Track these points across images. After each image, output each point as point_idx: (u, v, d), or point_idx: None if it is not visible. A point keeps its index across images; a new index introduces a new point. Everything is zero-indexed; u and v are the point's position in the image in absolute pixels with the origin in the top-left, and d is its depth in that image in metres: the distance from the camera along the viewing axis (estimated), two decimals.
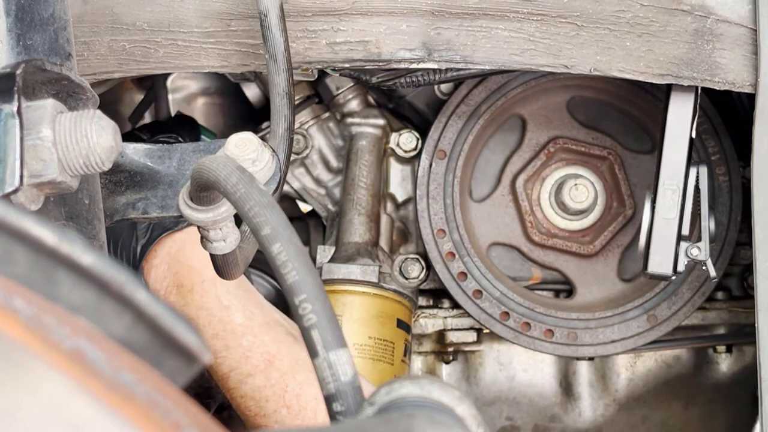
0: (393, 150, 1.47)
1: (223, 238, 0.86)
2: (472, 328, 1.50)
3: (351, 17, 1.06)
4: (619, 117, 1.45)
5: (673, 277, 1.15)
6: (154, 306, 0.46)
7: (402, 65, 1.08)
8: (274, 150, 0.89)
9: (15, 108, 0.67)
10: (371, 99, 1.50)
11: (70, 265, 0.45)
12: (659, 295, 1.38)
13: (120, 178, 0.90)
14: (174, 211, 0.88)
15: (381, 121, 1.48)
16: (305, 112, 1.50)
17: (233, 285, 1.18)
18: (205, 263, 1.18)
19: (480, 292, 1.40)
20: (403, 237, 1.49)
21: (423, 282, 1.44)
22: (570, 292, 1.46)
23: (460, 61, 1.07)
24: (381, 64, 1.08)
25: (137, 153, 0.90)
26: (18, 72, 0.68)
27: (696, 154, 1.36)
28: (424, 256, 1.43)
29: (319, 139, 1.50)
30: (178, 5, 1.07)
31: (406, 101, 1.47)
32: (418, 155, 1.45)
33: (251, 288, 1.22)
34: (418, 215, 1.41)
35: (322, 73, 1.32)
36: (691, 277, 1.38)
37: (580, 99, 1.45)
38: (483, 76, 1.37)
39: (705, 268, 1.18)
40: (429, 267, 1.43)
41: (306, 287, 0.60)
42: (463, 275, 1.40)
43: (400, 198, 1.49)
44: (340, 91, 1.48)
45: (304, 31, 1.07)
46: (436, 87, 1.45)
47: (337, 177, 1.49)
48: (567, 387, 1.54)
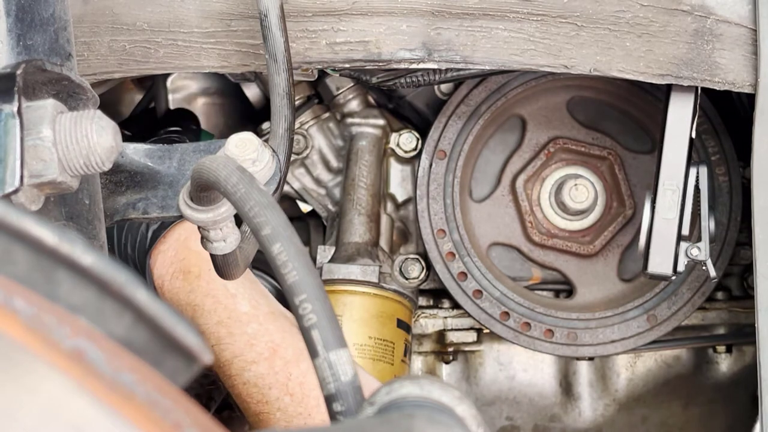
0: (393, 150, 1.47)
1: (224, 238, 0.86)
2: (472, 328, 1.50)
3: (351, 17, 1.07)
4: (619, 117, 1.45)
5: (673, 277, 1.15)
6: (154, 306, 0.46)
7: (402, 65, 1.08)
8: (274, 150, 0.89)
9: (15, 108, 0.67)
10: (371, 99, 1.50)
11: (70, 265, 0.45)
12: (659, 295, 1.38)
13: (120, 178, 0.90)
14: (174, 211, 0.88)
15: (381, 122, 1.48)
16: (305, 112, 1.50)
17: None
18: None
19: (480, 292, 1.40)
20: (403, 237, 1.49)
21: (423, 282, 1.44)
22: (570, 292, 1.46)
23: (460, 62, 1.07)
24: (381, 64, 1.08)
25: (137, 153, 0.90)
26: (18, 72, 0.68)
27: (696, 154, 1.36)
28: (424, 256, 1.43)
29: (320, 140, 1.50)
30: (178, 5, 1.07)
31: (406, 101, 1.47)
32: (418, 155, 1.45)
33: (256, 279, 1.23)
34: (418, 215, 1.41)
35: (322, 74, 1.32)
36: (691, 277, 1.38)
37: (580, 99, 1.45)
38: (483, 76, 1.37)
39: (705, 268, 1.18)
40: (429, 267, 1.43)
41: (306, 287, 0.60)
42: (463, 275, 1.40)
43: (400, 198, 1.49)
44: (340, 92, 1.48)
45: (304, 32, 1.07)
46: (436, 87, 1.45)
47: (338, 177, 1.49)
48: (567, 387, 1.54)
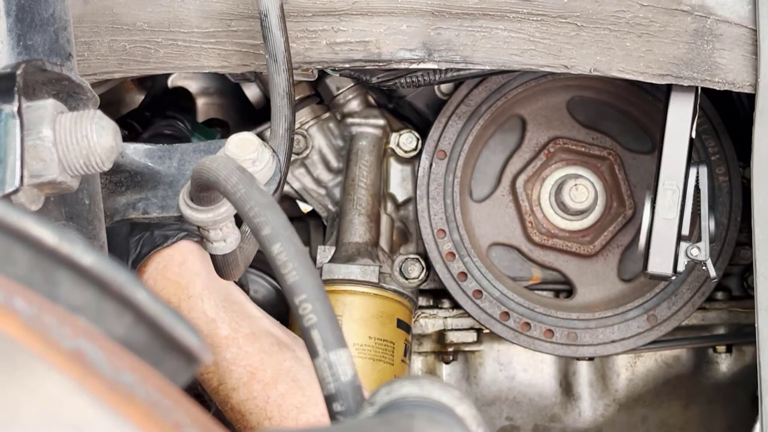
0: (393, 150, 1.47)
1: (224, 238, 0.86)
2: (472, 328, 1.50)
3: (351, 17, 1.07)
4: (619, 117, 1.45)
5: (673, 278, 1.15)
6: (154, 306, 0.46)
7: (402, 65, 1.08)
8: (274, 150, 0.89)
9: (15, 108, 0.67)
10: (371, 99, 1.50)
11: (70, 265, 0.45)
12: (659, 295, 1.38)
13: (120, 178, 0.90)
14: (174, 211, 0.88)
15: (381, 122, 1.48)
16: (305, 112, 1.50)
17: (220, 298, 1.18)
18: (192, 278, 1.18)
19: (480, 292, 1.40)
20: (404, 237, 1.49)
21: (423, 282, 1.44)
22: (570, 292, 1.46)
23: (460, 62, 1.07)
24: (381, 64, 1.08)
25: (137, 153, 0.90)
26: (18, 72, 0.68)
27: (696, 154, 1.36)
28: (424, 256, 1.43)
29: (320, 140, 1.50)
30: (178, 5, 1.07)
31: (406, 101, 1.47)
32: (418, 155, 1.45)
33: (241, 299, 1.21)
34: (418, 215, 1.41)
35: (322, 74, 1.32)
36: (691, 278, 1.38)
37: (580, 99, 1.45)
38: (483, 76, 1.37)
39: (705, 268, 1.18)
40: (429, 267, 1.43)
41: (306, 287, 0.60)
42: (463, 275, 1.40)
43: (400, 198, 1.49)
44: (340, 92, 1.48)
45: (304, 32, 1.07)
46: (436, 87, 1.45)
47: (338, 177, 1.49)
48: (567, 387, 1.54)
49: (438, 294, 1.51)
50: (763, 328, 1.03)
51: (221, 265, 0.91)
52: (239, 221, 0.81)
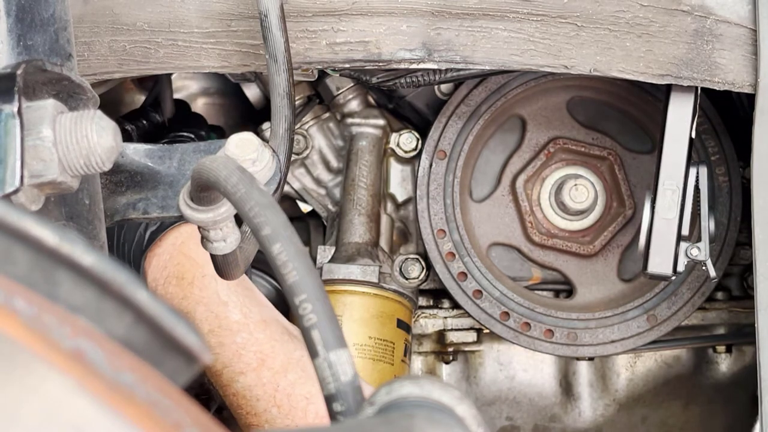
0: (393, 150, 1.47)
1: (224, 238, 0.86)
2: (472, 328, 1.50)
3: (351, 17, 1.07)
4: (619, 117, 1.45)
5: (673, 278, 1.15)
6: (154, 306, 0.46)
7: (402, 65, 1.08)
8: (274, 150, 0.89)
9: (15, 108, 0.67)
10: (371, 99, 1.50)
11: (70, 265, 0.45)
12: (659, 295, 1.38)
13: (120, 178, 0.90)
14: (174, 212, 0.88)
15: (381, 122, 1.48)
16: (305, 112, 1.50)
17: (234, 282, 1.18)
18: (208, 258, 1.18)
19: (480, 292, 1.40)
20: (403, 237, 1.49)
21: (423, 282, 1.44)
22: (570, 292, 1.47)
23: (460, 62, 1.07)
24: (381, 64, 1.08)
25: (137, 153, 0.90)
26: (18, 72, 0.68)
27: (696, 154, 1.36)
28: (424, 256, 1.43)
29: (320, 140, 1.50)
30: (178, 6, 1.07)
31: (406, 101, 1.47)
32: (418, 155, 1.45)
33: (251, 286, 1.22)
34: (418, 215, 1.41)
35: (322, 74, 1.33)
36: (691, 278, 1.38)
37: (579, 99, 1.45)
38: (483, 76, 1.37)
39: (705, 268, 1.18)
40: (429, 267, 1.43)
41: (306, 287, 0.60)
42: (463, 275, 1.40)
43: (400, 198, 1.49)
44: (340, 92, 1.48)
45: (304, 32, 1.07)
46: (436, 87, 1.45)
47: (338, 177, 1.49)
48: (567, 387, 1.54)
49: (438, 294, 1.51)
50: (763, 328, 1.03)
51: (221, 265, 0.91)
52: (239, 221, 0.81)
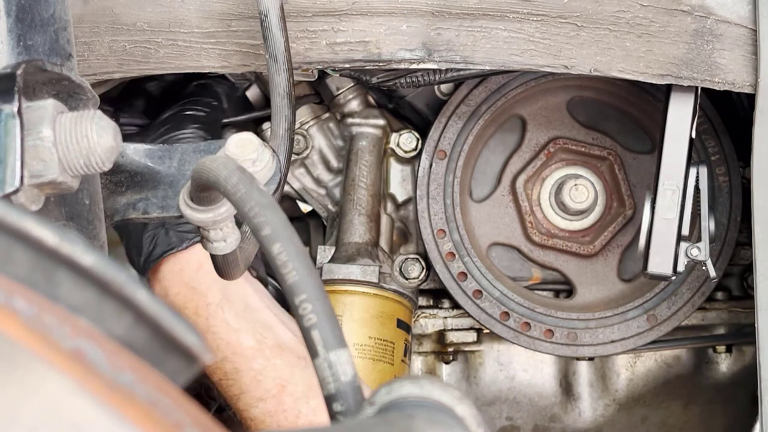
0: (393, 150, 1.47)
1: (224, 238, 0.86)
2: (472, 328, 1.50)
3: (351, 17, 1.07)
4: (619, 117, 1.45)
5: (673, 278, 1.15)
6: (154, 306, 0.46)
7: (402, 65, 1.08)
8: (274, 150, 0.89)
9: (15, 108, 0.67)
10: (371, 99, 1.50)
11: (70, 265, 0.45)
12: (659, 295, 1.38)
13: (120, 178, 0.90)
14: (174, 211, 0.88)
15: (381, 122, 1.48)
16: (305, 112, 1.49)
17: (240, 308, 1.15)
18: (210, 285, 1.15)
19: (480, 292, 1.40)
20: (403, 237, 1.49)
21: (423, 282, 1.44)
22: (570, 292, 1.46)
23: (460, 62, 1.07)
24: (381, 64, 1.08)
25: (137, 153, 0.90)
26: (18, 72, 0.68)
27: (696, 154, 1.36)
28: (424, 256, 1.43)
29: (320, 140, 1.50)
30: (178, 5, 1.07)
31: (406, 101, 1.47)
32: (418, 155, 1.45)
33: (260, 308, 1.19)
34: (418, 215, 1.41)
35: (322, 74, 1.32)
36: (691, 278, 1.38)
37: (580, 99, 1.45)
38: (483, 76, 1.37)
39: (705, 268, 1.18)
40: (429, 267, 1.43)
41: (306, 287, 0.60)
42: (463, 275, 1.40)
43: (400, 198, 1.49)
44: (340, 92, 1.48)
45: (304, 32, 1.07)
46: (436, 87, 1.45)
47: (338, 177, 1.49)
48: (567, 387, 1.54)
49: (438, 294, 1.51)
50: (763, 328, 1.03)
51: (221, 265, 0.91)
52: (239, 221, 0.81)
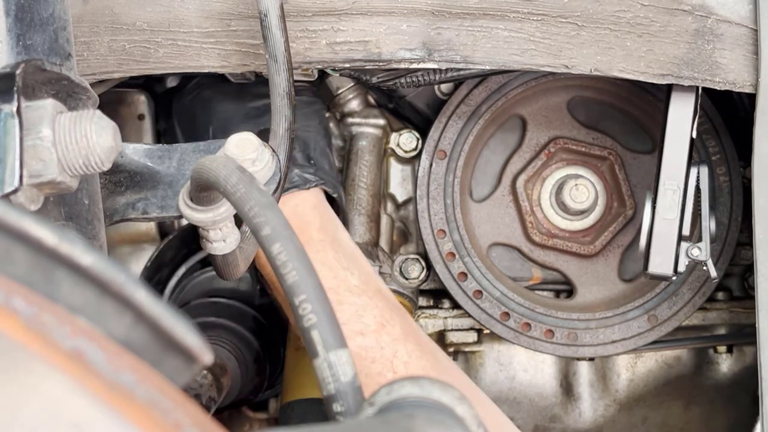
0: (393, 150, 1.47)
1: (223, 238, 0.86)
2: (472, 328, 1.50)
3: (351, 17, 1.06)
4: (620, 117, 1.45)
5: (674, 278, 1.15)
6: (154, 306, 0.46)
7: (402, 65, 1.08)
8: (274, 150, 0.89)
9: (15, 108, 0.67)
10: (371, 99, 1.50)
11: (70, 265, 0.45)
12: (660, 296, 1.38)
13: (120, 178, 0.90)
14: (174, 211, 0.88)
15: (381, 121, 1.48)
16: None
17: (348, 252, 1.20)
18: (320, 226, 1.20)
19: (480, 292, 1.40)
20: (404, 237, 1.49)
21: (423, 282, 1.44)
22: (570, 292, 1.46)
23: (460, 61, 1.07)
24: (381, 64, 1.08)
25: (137, 153, 0.90)
26: (18, 72, 0.68)
27: (696, 154, 1.36)
28: (424, 256, 1.43)
29: None
30: (178, 5, 1.07)
31: (406, 101, 1.47)
32: (418, 155, 1.45)
33: (363, 258, 1.23)
34: (418, 215, 1.41)
35: (322, 73, 1.32)
36: (692, 278, 1.38)
37: (580, 99, 1.45)
38: (483, 76, 1.37)
39: (705, 268, 1.18)
40: (429, 267, 1.43)
41: (306, 287, 0.60)
42: (464, 275, 1.40)
43: (400, 198, 1.49)
44: (340, 91, 1.48)
45: (304, 31, 1.07)
46: (436, 87, 1.45)
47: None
48: (567, 387, 1.54)
49: (438, 294, 1.51)
50: (764, 328, 1.03)
51: (221, 265, 0.91)
52: (239, 221, 0.81)
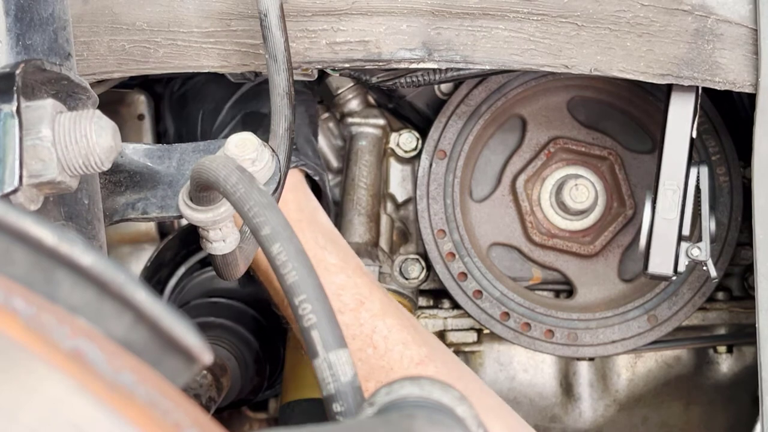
0: (393, 150, 1.47)
1: (223, 238, 0.86)
2: (472, 328, 1.50)
3: (351, 17, 1.06)
4: (620, 117, 1.45)
5: (674, 278, 1.15)
6: (154, 306, 0.46)
7: (402, 65, 1.08)
8: (274, 150, 0.89)
9: (14, 108, 0.67)
10: (371, 99, 1.50)
11: (70, 265, 0.45)
12: (660, 296, 1.38)
13: (119, 178, 0.90)
14: (174, 211, 0.88)
15: (381, 121, 1.48)
16: None
17: (326, 232, 1.20)
18: (301, 206, 1.20)
19: (480, 292, 1.40)
20: (403, 237, 1.49)
21: (423, 282, 1.44)
22: (570, 292, 1.46)
23: (460, 61, 1.07)
24: (381, 64, 1.08)
25: (137, 153, 0.90)
26: (17, 72, 0.68)
27: (696, 154, 1.36)
28: (424, 256, 1.43)
29: (320, 140, 1.50)
30: (177, 5, 1.07)
31: (406, 101, 1.47)
32: (418, 155, 1.45)
33: (341, 238, 1.24)
34: (418, 215, 1.41)
35: (322, 73, 1.32)
36: (692, 278, 1.38)
37: (580, 99, 1.45)
38: (483, 76, 1.37)
39: (705, 268, 1.18)
40: (429, 267, 1.43)
41: (306, 287, 0.60)
42: (464, 275, 1.40)
43: (400, 198, 1.49)
44: (340, 91, 1.48)
45: (304, 31, 1.07)
46: (436, 87, 1.45)
47: (337, 177, 1.49)
48: (567, 387, 1.54)
49: (438, 294, 1.51)
50: (764, 328, 1.03)
51: (221, 266, 0.91)
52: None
